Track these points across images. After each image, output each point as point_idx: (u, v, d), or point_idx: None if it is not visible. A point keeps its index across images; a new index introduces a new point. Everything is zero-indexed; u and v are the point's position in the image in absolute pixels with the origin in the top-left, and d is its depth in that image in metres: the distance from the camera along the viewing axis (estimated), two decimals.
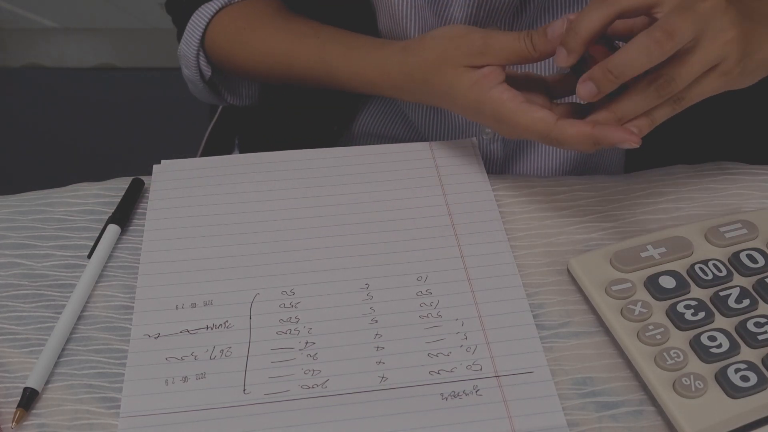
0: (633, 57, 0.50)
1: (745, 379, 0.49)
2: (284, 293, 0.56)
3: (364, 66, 0.64)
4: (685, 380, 0.49)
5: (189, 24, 0.73)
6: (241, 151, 0.88)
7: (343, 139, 0.78)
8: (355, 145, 0.69)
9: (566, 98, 0.61)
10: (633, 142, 0.52)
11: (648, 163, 0.69)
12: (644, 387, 0.51)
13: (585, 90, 0.52)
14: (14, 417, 0.49)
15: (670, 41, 0.50)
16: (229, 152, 0.91)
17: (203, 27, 0.72)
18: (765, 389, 0.49)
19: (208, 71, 0.75)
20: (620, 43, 0.54)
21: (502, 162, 0.74)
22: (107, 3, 1.98)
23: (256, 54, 0.71)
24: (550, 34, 0.55)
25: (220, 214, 0.61)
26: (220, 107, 0.91)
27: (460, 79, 0.58)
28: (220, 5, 0.73)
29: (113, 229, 0.60)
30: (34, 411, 0.50)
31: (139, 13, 2.00)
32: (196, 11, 0.73)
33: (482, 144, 0.73)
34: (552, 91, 0.60)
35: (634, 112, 0.53)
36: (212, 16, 0.72)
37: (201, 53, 0.73)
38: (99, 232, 0.60)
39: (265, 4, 0.73)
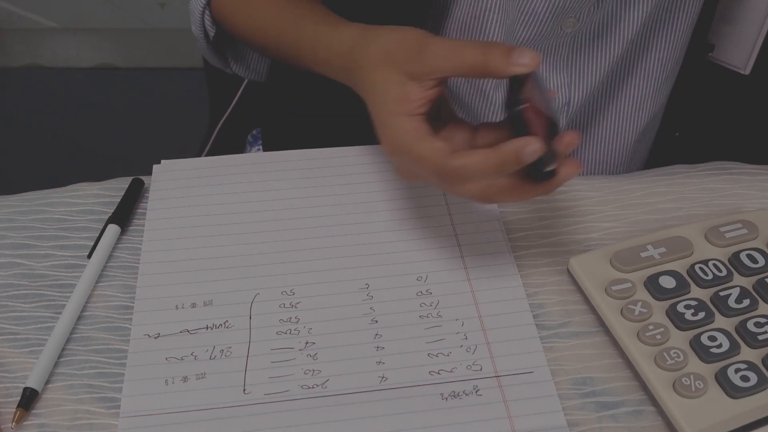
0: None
1: (745, 379, 0.49)
2: (284, 293, 0.56)
3: (324, 43, 0.60)
4: (685, 380, 0.49)
5: None
6: (265, 149, 0.86)
7: None
8: None
9: None
10: (536, 152, 0.48)
11: (663, 160, 0.69)
12: (644, 387, 0.51)
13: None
14: (14, 417, 0.49)
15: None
16: (240, 148, 0.90)
17: None
18: (765, 389, 0.49)
19: (212, 30, 0.72)
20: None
21: None
22: (107, 3, 1.98)
23: (253, 18, 0.68)
24: (515, 58, 0.48)
25: (220, 214, 0.61)
26: (234, 100, 0.90)
27: (389, 87, 0.52)
28: None
29: (113, 229, 0.60)
30: (34, 411, 0.50)
31: (139, 13, 2.00)
32: None
33: None
34: (476, 143, 0.54)
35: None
36: None
37: (207, 11, 0.71)
38: (99, 232, 0.60)
39: None
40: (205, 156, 0.89)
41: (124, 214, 0.61)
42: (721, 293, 0.53)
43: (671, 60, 0.71)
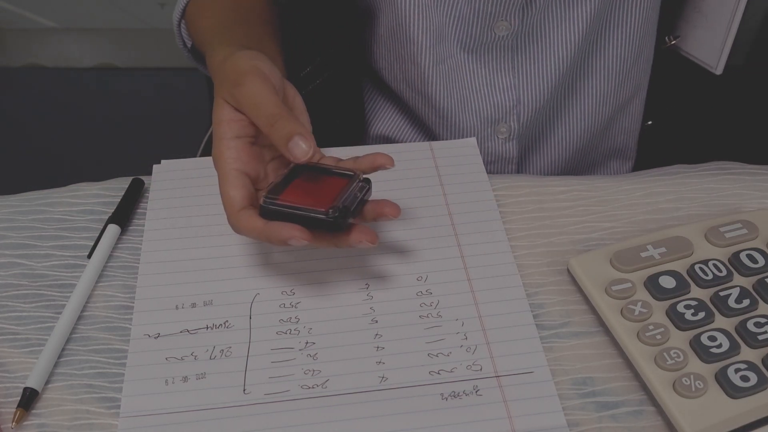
0: None
1: (745, 379, 0.49)
2: (284, 293, 0.56)
3: (210, 58, 0.61)
4: (685, 380, 0.49)
5: None
6: None
7: (358, 143, 0.77)
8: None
9: None
10: (302, 239, 0.50)
11: (649, 162, 0.69)
12: (644, 387, 0.51)
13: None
14: (14, 417, 0.49)
15: None
16: None
17: None
18: (765, 389, 0.49)
19: (189, 41, 0.74)
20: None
21: (517, 161, 0.74)
22: (107, 3, 1.98)
23: (193, 28, 0.70)
24: (291, 144, 0.50)
25: (220, 214, 0.61)
26: None
27: (219, 110, 0.54)
28: None
29: (113, 229, 0.60)
30: (34, 411, 0.50)
31: (139, 13, 2.00)
32: None
33: (497, 144, 0.72)
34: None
35: None
36: None
37: (183, 21, 0.73)
38: (99, 232, 0.60)
39: None
40: (205, 156, 0.89)
41: (124, 214, 0.61)
42: (721, 293, 0.53)
43: (630, 55, 0.71)
